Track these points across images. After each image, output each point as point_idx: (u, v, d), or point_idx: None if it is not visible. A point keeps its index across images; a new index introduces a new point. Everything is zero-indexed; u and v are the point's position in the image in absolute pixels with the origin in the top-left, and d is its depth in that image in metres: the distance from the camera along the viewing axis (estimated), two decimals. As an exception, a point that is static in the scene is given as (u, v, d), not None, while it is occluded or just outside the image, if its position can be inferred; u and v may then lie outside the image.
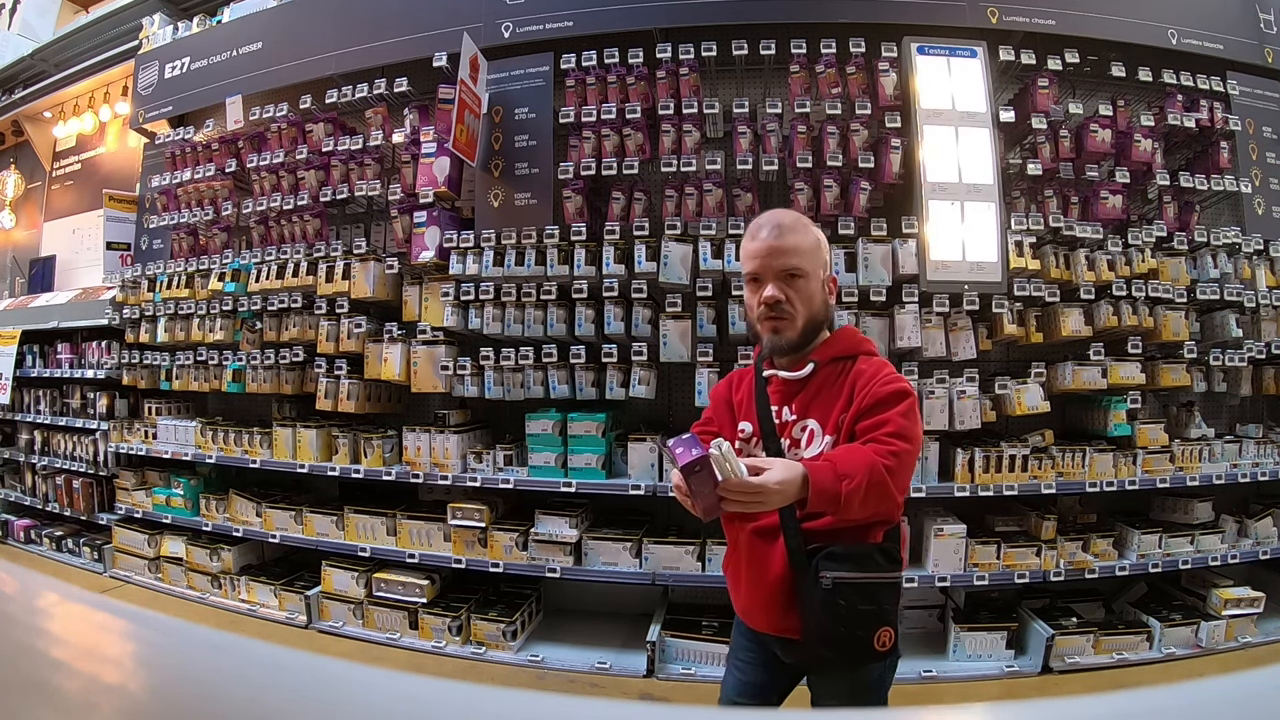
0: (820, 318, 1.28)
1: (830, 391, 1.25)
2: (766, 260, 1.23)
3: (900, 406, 1.18)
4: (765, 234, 1.24)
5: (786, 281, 1.23)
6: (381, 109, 2.83)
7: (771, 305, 1.23)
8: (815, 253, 1.26)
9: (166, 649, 0.16)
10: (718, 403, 1.42)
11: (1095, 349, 2.43)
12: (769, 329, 1.25)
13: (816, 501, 1.06)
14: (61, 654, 0.15)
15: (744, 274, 1.29)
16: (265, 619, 2.72)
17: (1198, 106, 2.61)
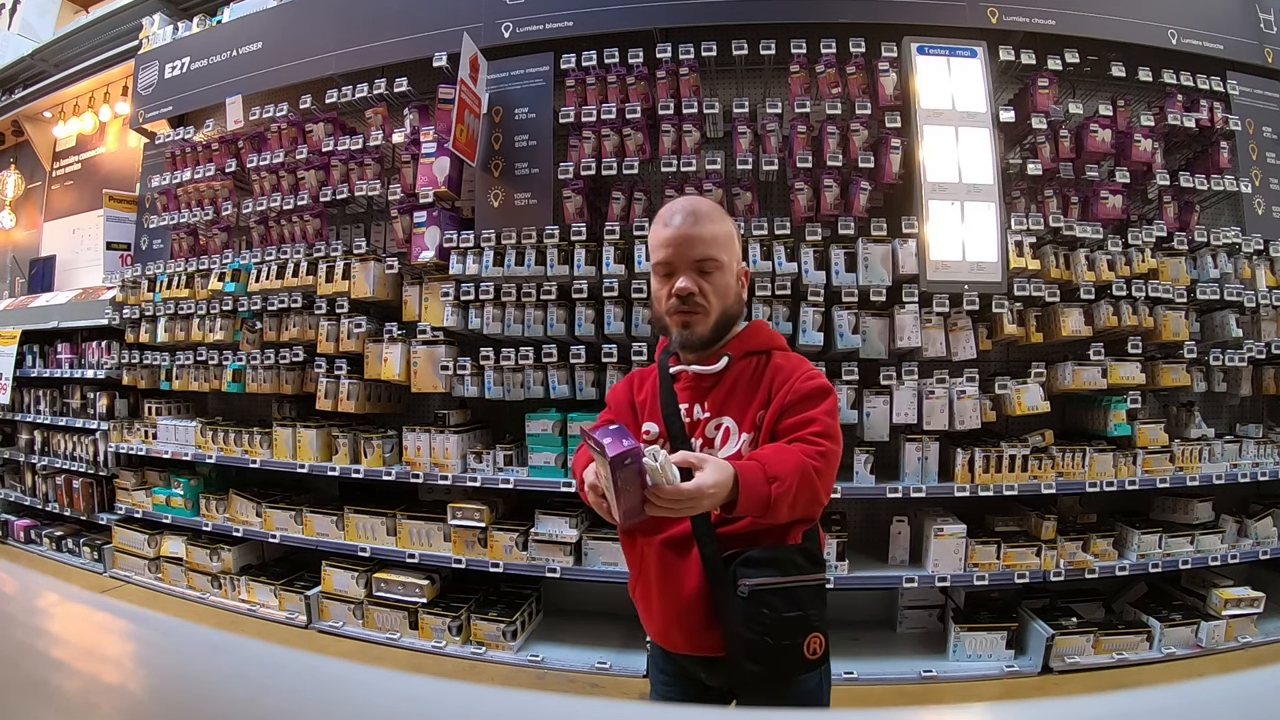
0: (734, 311, 1.21)
1: (745, 388, 1.19)
2: (680, 249, 1.15)
3: (824, 405, 1.14)
4: (679, 221, 1.15)
5: (700, 273, 1.16)
6: (381, 109, 2.83)
7: (684, 298, 1.15)
8: (730, 243, 1.19)
9: (166, 649, 0.16)
10: (618, 404, 1.31)
11: (1095, 349, 2.43)
12: (679, 323, 1.17)
13: (746, 504, 1.00)
14: (61, 654, 0.15)
15: (652, 263, 1.19)
16: (265, 619, 2.72)
17: (1198, 106, 2.61)
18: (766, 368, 1.20)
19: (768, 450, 1.09)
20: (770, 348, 1.22)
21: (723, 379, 1.19)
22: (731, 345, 1.21)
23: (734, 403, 1.18)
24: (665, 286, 1.18)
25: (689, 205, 1.18)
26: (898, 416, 2.35)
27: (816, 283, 2.38)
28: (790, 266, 2.37)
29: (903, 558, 2.43)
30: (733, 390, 1.19)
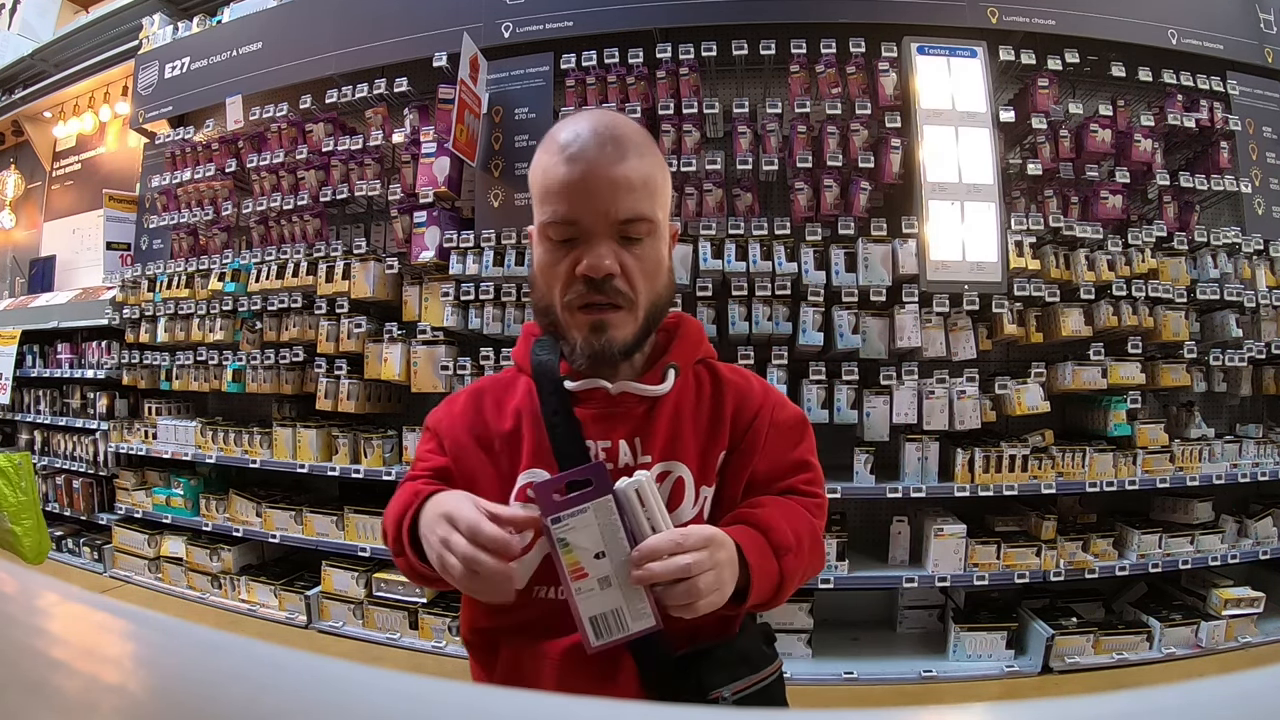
0: (665, 300, 0.81)
1: (694, 417, 0.82)
2: (592, 200, 0.72)
3: (810, 440, 0.88)
4: (591, 151, 0.72)
5: (624, 241, 0.74)
6: (381, 109, 2.83)
7: (599, 282, 0.73)
8: (665, 189, 0.79)
9: (166, 649, 0.16)
10: (457, 438, 0.84)
11: (1095, 349, 2.43)
12: (588, 324, 0.75)
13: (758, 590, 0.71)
14: (61, 654, 0.15)
15: (539, 220, 0.76)
16: (265, 619, 2.72)
17: (1198, 106, 2.61)
18: (716, 387, 0.85)
19: (765, 510, 0.78)
20: (707, 355, 0.89)
21: (663, 405, 0.80)
22: (676, 352, 0.84)
23: (683, 441, 0.80)
24: (563, 259, 0.75)
25: (604, 125, 0.74)
26: (898, 416, 2.35)
27: (816, 283, 2.38)
28: (790, 266, 2.37)
29: (903, 558, 2.43)
30: (678, 421, 0.80)
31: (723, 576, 0.67)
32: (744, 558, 0.70)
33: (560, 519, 0.65)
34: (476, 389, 0.90)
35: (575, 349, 0.78)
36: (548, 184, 0.74)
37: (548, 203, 0.74)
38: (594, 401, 0.80)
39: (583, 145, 0.73)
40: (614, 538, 0.65)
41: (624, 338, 0.76)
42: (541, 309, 0.80)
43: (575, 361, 0.79)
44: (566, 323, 0.77)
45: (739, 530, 0.73)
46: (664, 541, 0.65)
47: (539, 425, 0.80)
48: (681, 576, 0.63)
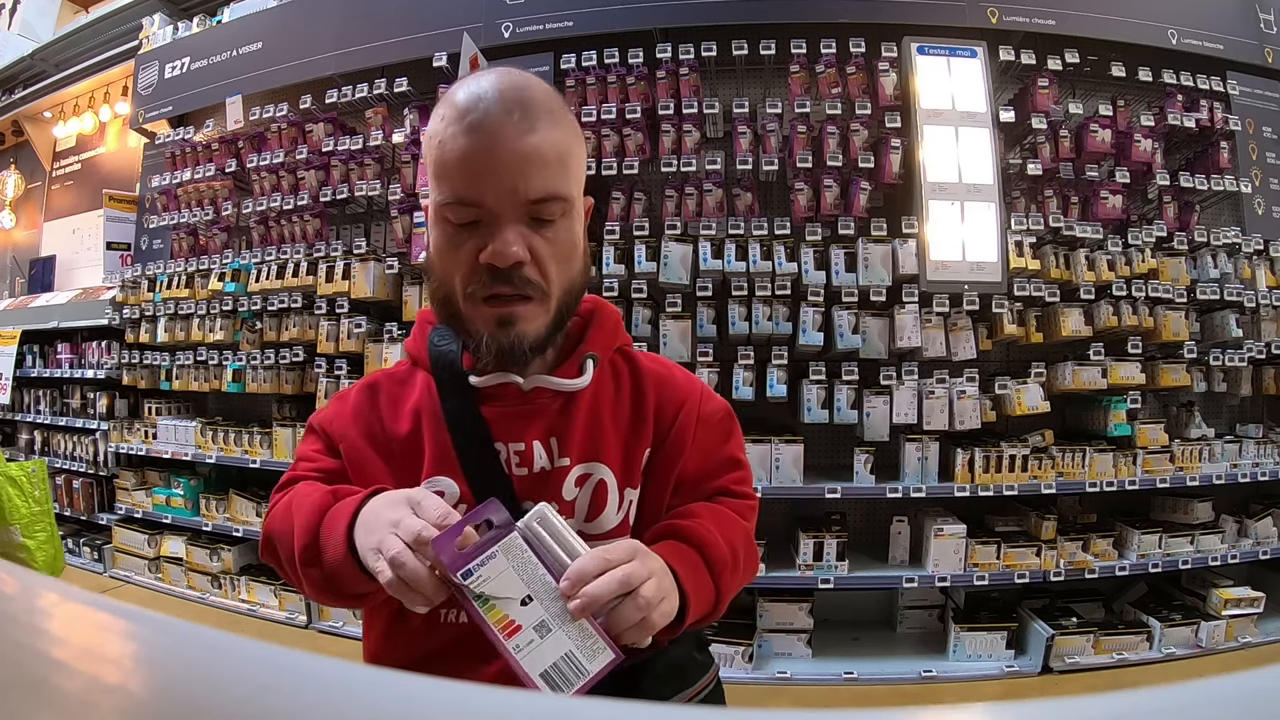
0: (580, 287, 0.72)
1: (614, 412, 0.75)
2: (498, 177, 0.62)
3: (738, 435, 0.82)
4: (497, 117, 0.62)
5: (535, 222, 0.65)
6: (381, 109, 2.83)
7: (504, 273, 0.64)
8: (581, 161, 0.70)
9: (166, 649, 0.16)
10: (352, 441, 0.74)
11: (1095, 349, 2.43)
12: (494, 317, 0.66)
13: (695, 611, 0.65)
14: (61, 654, 0.15)
15: (437, 199, 0.66)
16: (265, 619, 2.72)
17: (1198, 106, 2.61)
18: (636, 378, 0.78)
19: (697, 521, 0.71)
20: (624, 343, 0.81)
21: (580, 400, 0.73)
22: (593, 341, 0.76)
23: (604, 439, 0.73)
24: (463, 244, 0.65)
25: (510, 87, 0.64)
26: (898, 416, 2.35)
27: (816, 283, 2.38)
28: (790, 266, 2.37)
29: (903, 558, 2.43)
30: (597, 417, 0.73)
31: (664, 584, 0.61)
32: (679, 579, 0.63)
33: (471, 572, 0.56)
34: (369, 384, 0.78)
35: (480, 345, 0.68)
36: (444, 158, 0.63)
37: (445, 180, 0.64)
38: (503, 398, 0.71)
39: (485, 112, 0.62)
40: (534, 576, 0.57)
41: (534, 331, 0.67)
42: (440, 299, 0.70)
43: (480, 359, 0.70)
44: (469, 315, 0.67)
45: (670, 546, 0.67)
46: (590, 562, 0.57)
47: (440, 426, 0.70)
48: (623, 591, 0.57)
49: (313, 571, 0.66)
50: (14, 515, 2.35)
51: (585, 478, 0.72)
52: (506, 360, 0.69)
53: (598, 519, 0.72)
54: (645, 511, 0.75)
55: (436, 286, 0.70)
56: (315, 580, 0.67)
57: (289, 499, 0.72)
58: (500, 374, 0.71)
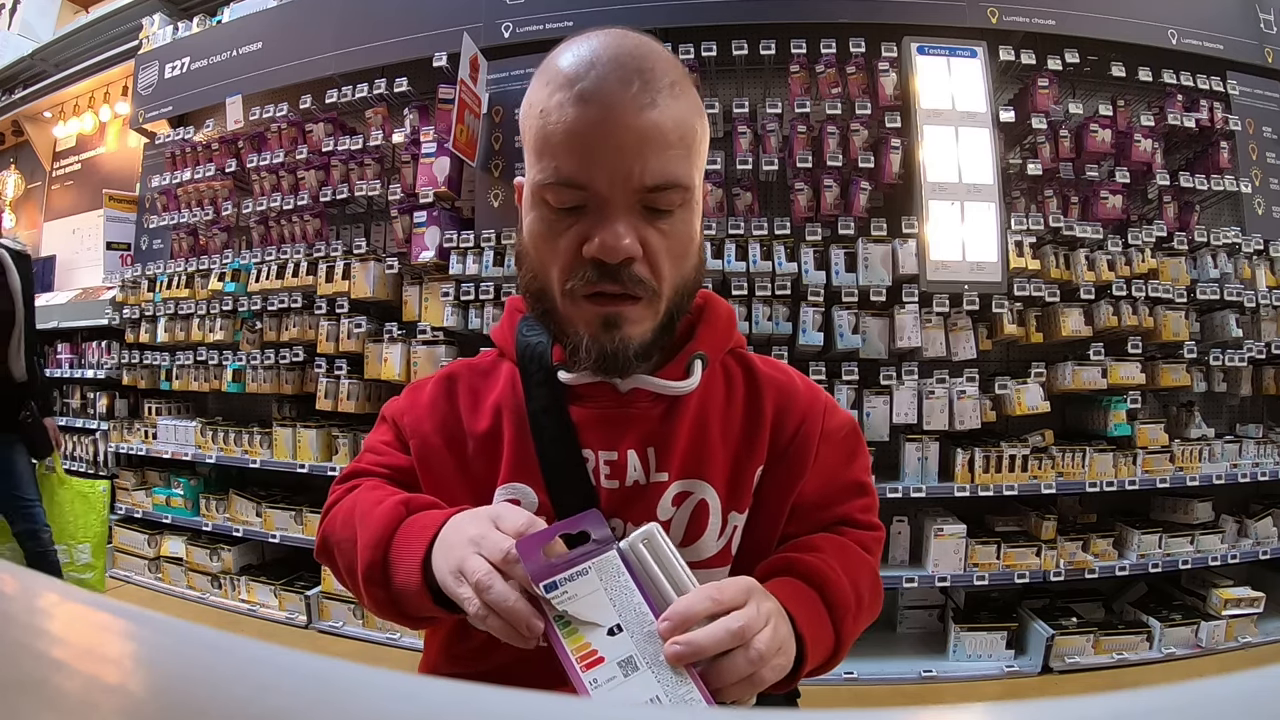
0: (694, 286, 0.63)
1: (724, 423, 0.65)
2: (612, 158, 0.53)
3: (864, 455, 0.72)
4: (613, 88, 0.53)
5: (650, 213, 0.56)
6: (381, 109, 2.83)
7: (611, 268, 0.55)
8: (705, 143, 0.61)
9: (166, 649, 0.16)
10: (425, 436, 0.66)
11: (1095, 349, 2.43)
12: (599, 317, 0.57)
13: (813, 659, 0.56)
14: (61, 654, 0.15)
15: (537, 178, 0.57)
16: (265, 619, 2.72)
17: (1198, 106, 2.61)
18: (752, 385, 0.68)
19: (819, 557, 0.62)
20: (738, 344, 0.71)
21: (685, 406, 0.64)
22: (703, 339, 0.66)
23: (710, 453, 0.63)
24: (565, 232, 0.57)
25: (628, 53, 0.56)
26: (898, 416, 2.35)
27: (816, 283, 2.38)
28: (790, 266, 2.37)
29: (903, 558, 2.43)
30: (703, 428, 0.64)
31: (780, 632, 0.51)
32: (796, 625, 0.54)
33: (556, 585, 0.49)
34: (448, 374, 0.70)
35: (580, 348, 0.59)
36: (548, 130, 0.54)
37: (548, 156, 0.55)
38: (596, 399, 0.63)
39: (599, 80, 0.53)
40: (628, 604, 0.49)
41: (641, 336, 0.59)
42: (534, 292, 0.62)
43: (579, 362, 0.60)
44: (567, 314, 0.59)
45: (787, 585, 0.58)
46: (699, 602, 0.48)
47: (523, 427, 0.63)
48: (734, 644, 0.47)
49: (378, 591, 0.58)
50: (85, 532, 2.34)
51: (684, 496, 0.62)
52: (608, 367, 0.59)
53: (695, 544, 0.62)
54: (754, 539, 0.65)
55: (531, 278, 0.62)
56: (380, 600, 0.59)
57: (352, 502, 0.64)
58: (585, 375, 0.62)
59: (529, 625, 0.47)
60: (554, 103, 0.54)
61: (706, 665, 0.48)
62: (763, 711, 0.61)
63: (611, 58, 0.55)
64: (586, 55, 0.55)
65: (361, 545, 0.59)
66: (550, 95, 0.55)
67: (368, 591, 0.59)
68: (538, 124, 0.56)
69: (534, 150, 0.58)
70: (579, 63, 0.55)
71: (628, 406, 0.63)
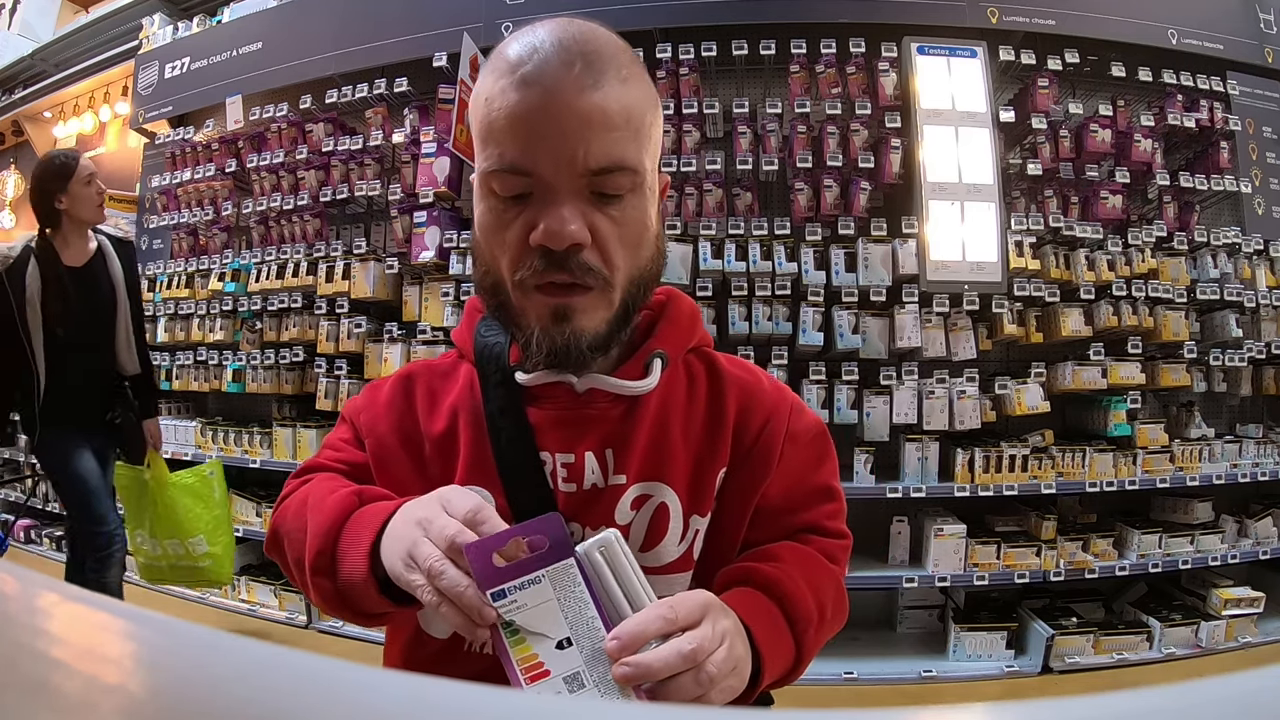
0: (651, 277, 0.61)
1: (685, 423, 0.63)
2: (554, 141, 0.52)
3: (833, 459, 0.69)
4: (555, 70, 0.51)
5: (598, 198, 0.54)
6: (381, 109, 2.83)
7: (560, 257, 0.54)
8: (656, 128, 0.59)
9: (166, 649, 0.16)
10: (381, 437, 0.65)
11: (1095, 349, 2.43)
12: (550, 308, 0.56)
13: (770, 674, 0.54)
14: (61, 654, 0.15)
15: (483, 167, 0.55)
16: (265, 619, 2.72)
17: (1198, 106, 2.61)
18: (715, 384, 0.66)
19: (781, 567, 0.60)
20: (702, 342, 0.69)
21: (645, 406, 0.62)
22: (663, 337, 0.65)
23: (670, 454, 0.62)
24: (512, 221, 0.55)
25: (572, 37, 0.53)
26: (898, 416, 2.35)
27: (816, 283, 2.38)
28: (790, 266, 2.38)
29: (903, 558, 2.43)
30: (663, 428, 0.62)
31: (736, 652, 0.49)
32: (754, 640, 0.52)
33: (506, 594, 0.47)
34: (406, 375, 0.69)
35: (530, 341, 0.57)
36: (491, 117, 0.53)
37: (492, 143, 0.54)
38: (554, 400, 0.61)
39: (542, 63, 0.51)
40: (580, 617, 0.47)
41: (594, 328, 0.56)
42: (488, 287, 0.59)
43: (530, 356, 0.59)
44: (520, 306, 0.57)
45: (746, 596, 0.56)
46: (651, 621, 0.46)
47: (480, 428, 0.61)
48: (685, 667, 0.46)
49: (324, 582, 0.57)
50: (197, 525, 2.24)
51: (644, 499, 0.60)
52: (560, 361, 0.57)
53: (655, 549, 0.60)
54: (716, 544, 0.64)
55: (484, 273, 0.59)
56: (326, 592, 0.57)
57: (304, 493, 0.62)
58: (551, 371, 0.60)
59: (481, 614, 0.46)
60: (497, 89, 0.53)
61: (654, 685, 0.46)
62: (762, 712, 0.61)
63: (555, 42, 0.53)
64: (531, 41, 0.54)
65: (310, 535, 0.57)
66: (495, 82, 0.54)
67: (314, 583, 0.57)
68: (483, 112, 0.55)
69: (480, 139, 0.56)
70: (523, 49, 0.53)
71: (585, 407, 0.61)
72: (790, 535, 0.65)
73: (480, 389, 0.63)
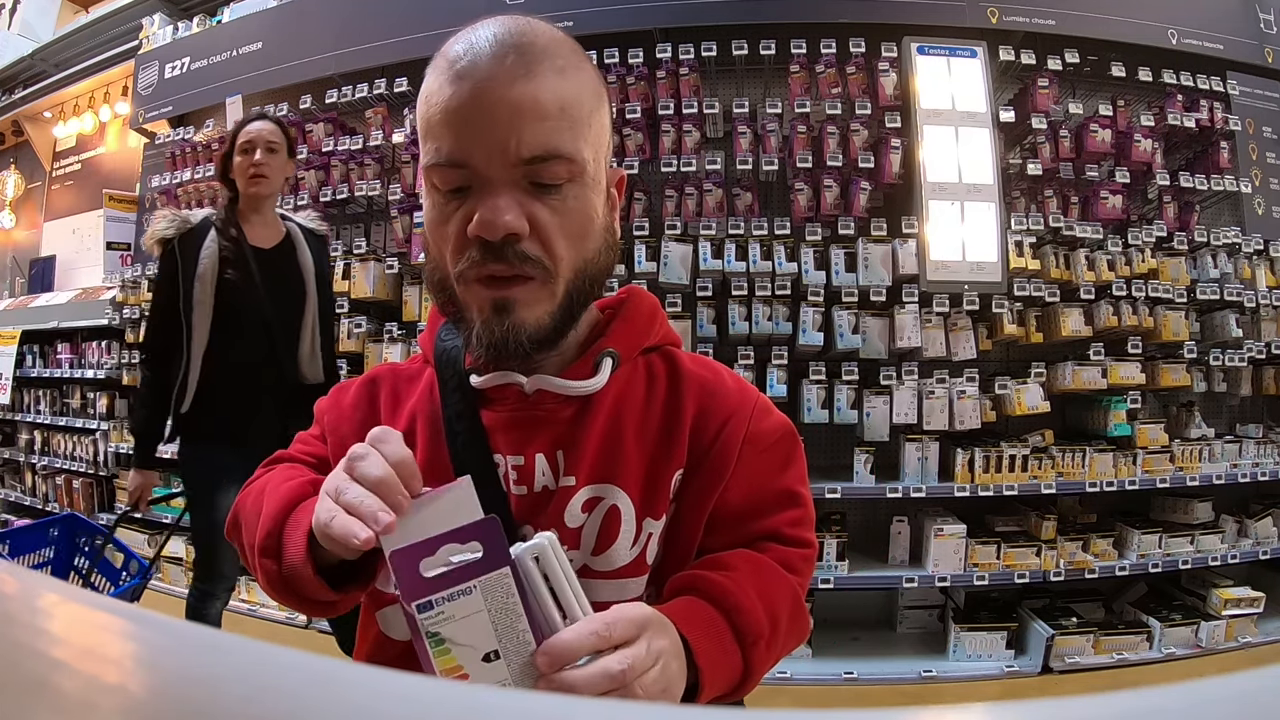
0: (599, 270, 0.60)
1: (640, 424, 0.62)
2: (488, 131, 0.53)
3: (800, 462, 0.66)
4: (487, 63, 0.54)
5: (535, 187, 0.54)
6: (381, 109, 2.83)
7: (496, 247, 0.53)
8: (596, 117, 0.58)
9: (166, 649, 0.16)
10: (343, 437, 0.65)
11: (1095, 349, 2.43)
12: (490, 302, 0.55)
13: (710, 688, 0.52)
14: (61, 654, 0.15)
15: (425, 161, 0.56)
16: (265, 619, 2.72)
17: (1198, 106, 2.61)
18: (674, 383, 0.64)
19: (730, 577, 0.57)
20: (666, 341, 0.68)
21: (597, 407, 0.61)
22: (615, 336, 0.64)
23: (623, 456, 0.60)
24: (453, 214, 0.55)
25: (508, 32, 0.56)
26: (898, 416, 2.35)
27: (816, 283, 2.38)
28: (790, 266, 2.38)
29: (903, 558, 2.43)
30: (616, 428, 0.61)
31: (669, 672, 0.47)
32: (692, 653, 0.50)
33: (432, 605, 0.44)
34: (372, 378, 0.69)
35: (472, 335, 0.57)
36: (429, 112, 0.55)
37: (430, 138, 0.55)
38: (505, 402, 0.61)
39: (475, 57, 0.54)
40: (511, 629, 0.45)
41: (535, 320, 0.56)
42: (435, 282, 0.59)
43: (475, 352, 0.58)
44: (463, 300, 0.57)
45: (690, 606, 0.54)
46: (581, 637, 0.44)
47: (437, 432, 0.61)
48: (613, 688, 0.44)
49: (270, 564, 0.56)
50: None
51: (595, 501, 0.59)
52: (501, 355, 0.56)
53: (606, 552, 0.58)
54: (674, 549, 0.62)
55: (432, 269, 0.59)
56: (272, 575, 0.56)
57: (264, 481, 0.63)
58: (503, 373, 0.60)
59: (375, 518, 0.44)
60: (435, 85, 0.55)
61: None
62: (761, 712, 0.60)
63: (491, 36, 0.55)
64: (469, 38, 0.56)
65: (262, 519, 0.57)
66: (435, 79, 0.56)
67: (260, 565, 0.56)
68: (423, 109, 0.56)
69: (421, 135, 0.57)
70: (462, 46, 0.56)
71: (534, 408, 0.61)
72: (749, 543, 0.62)
73: (439, 393, 0.63)
